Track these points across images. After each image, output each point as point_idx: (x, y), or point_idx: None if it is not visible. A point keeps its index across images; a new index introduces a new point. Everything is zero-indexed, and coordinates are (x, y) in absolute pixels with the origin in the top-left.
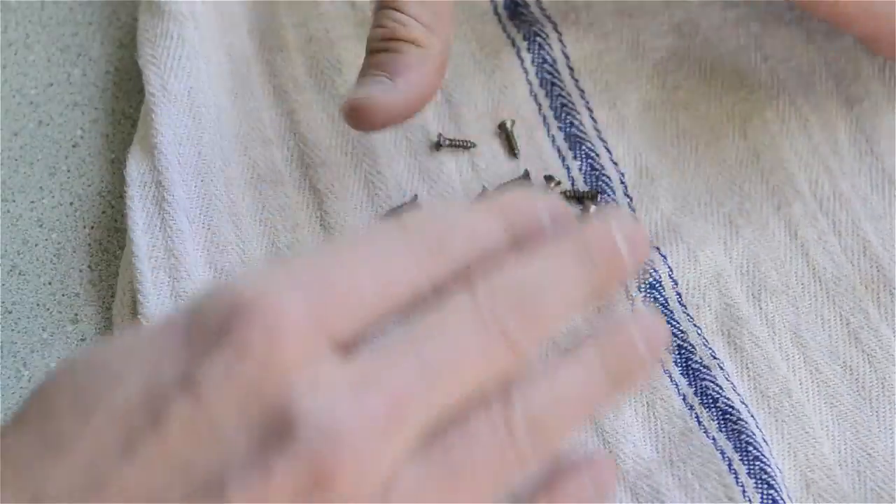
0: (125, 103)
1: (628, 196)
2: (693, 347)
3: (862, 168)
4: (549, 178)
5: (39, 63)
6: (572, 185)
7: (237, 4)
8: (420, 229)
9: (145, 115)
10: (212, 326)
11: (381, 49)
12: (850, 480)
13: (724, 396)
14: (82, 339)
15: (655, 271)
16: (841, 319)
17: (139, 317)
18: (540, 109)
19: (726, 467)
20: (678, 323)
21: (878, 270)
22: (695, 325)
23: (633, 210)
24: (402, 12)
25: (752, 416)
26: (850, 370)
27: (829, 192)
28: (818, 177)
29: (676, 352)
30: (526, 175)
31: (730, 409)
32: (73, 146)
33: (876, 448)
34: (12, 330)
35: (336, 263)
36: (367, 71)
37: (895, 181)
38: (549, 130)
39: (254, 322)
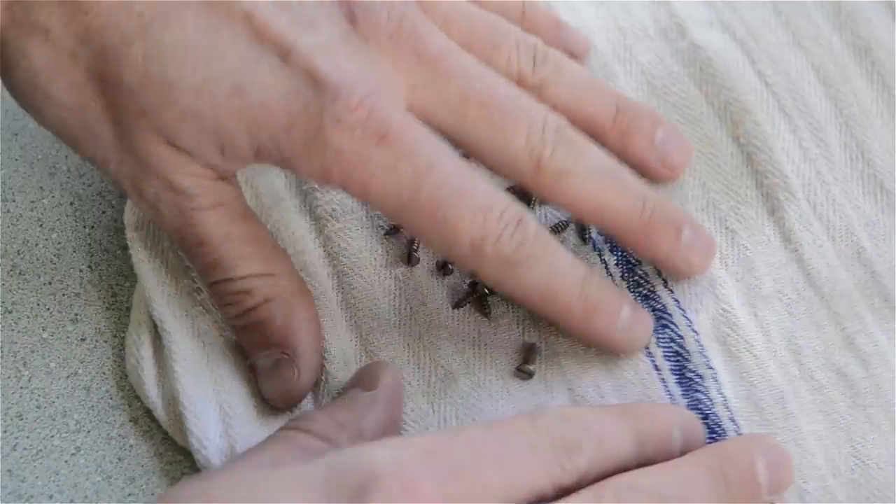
0: None
1: None
2: (689, 354)
3: (853, 174)
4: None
5: None
6: None
7: None
8: (550, 432)
9: None
10: (350, 489)
11: (247, 327)
12: (845, 490)
13: (714, 413)
14: (82, 339)
15: (647, 279)
16: (836, 324)
17: (168, 351)
18: None
19: None
20: (676, 327)
21: (872, 276)
22: (693, 331)
23: None
24: (235, 278)
25: (738, 434)
26: (845, 376)
27: (823, 197)
28: (811, 181)
29: (672, 359)
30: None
31: (717, 428)
32: None
33: (870, 455)
34: (12, 330)
35: (467, 456)
36: (255, 353)
37: (886, 188)
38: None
39: (390, 495)
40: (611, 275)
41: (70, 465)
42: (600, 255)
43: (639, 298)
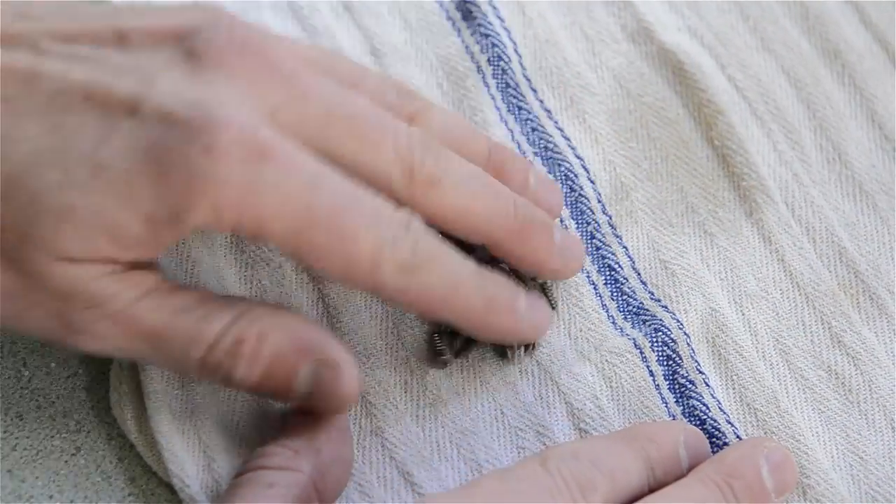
0: None
1: (607, 214)
2: (680, 359)
3: (831, 176)
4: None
5: None
6: None
7: None
8: (563, 473)
9: None
10: None
11: (264, 376)
12: (846, 485)
13: (711, 418)
14: None
15: (634, 296)
16: (822, 323)
17: (142, 387)
18: (513, 136)
19: None
20: (669, 330)
21: (856, 276)
22: (685, 333)
23: (613, 227)
24: (217, 338)
25: (738, 438)
26: (836, 374)
27: (801, 200)
28: (788, 183)
29: (665, 363)
30: None
31: (716, 433)
32: None
33: (867, 451)
34: None
35: None
36: (285, 391)
37: (866, 189)
38: (525, 156)
39: None
40: (599, 295)
41: (70, 465)
42: (588, 277)
43: (630, 316)
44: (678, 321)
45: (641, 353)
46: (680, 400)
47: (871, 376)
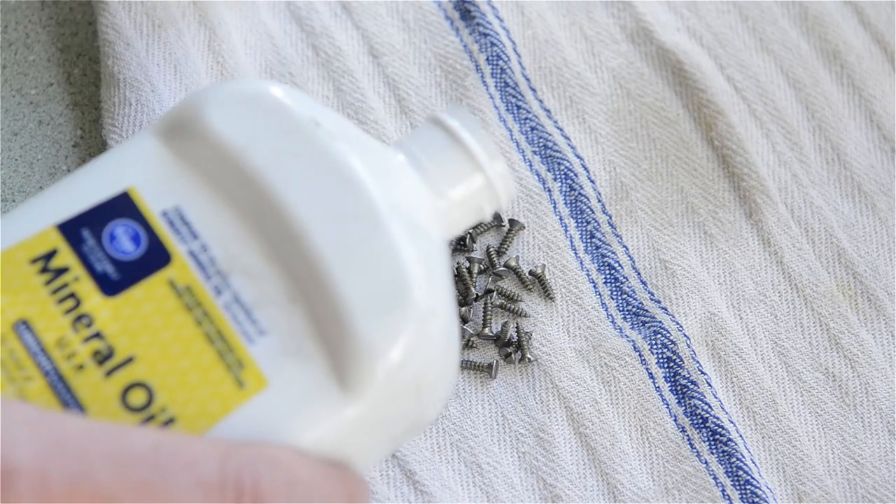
0: None
1: (607, 213)
2: (681, 360)
3: (830, 176)
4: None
5: (39, 63)
6: (554, 207)
7: (195, 60)
8: None
9: None
10: None
11: None
12: (842, 489)
13: (714, 416)
14: None
15: (634, 296)
16: (820, 325)
17: None
18: (511, 135)
19: (720, 493)
20: (668, 332)
21: (855, 277)
22: (684, 335)
23: (613, 227)
24: None
25: (740, 436)
26: (833, 377)
27: (801, 200)
28: (787, 184)
29: (666, 365)
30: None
31: (719, 430)
32: (73, 146)
33: (864, 454)
34: None
35: None
36: None
37: (864, 190)
38: (524, 155)
39: None
40: (599, 293)
41: None
42: (588, 276)
43: (629, 316)
44: (678, 324)
45: (641, 356)
46: (682, 401)
47: (868, 379)
